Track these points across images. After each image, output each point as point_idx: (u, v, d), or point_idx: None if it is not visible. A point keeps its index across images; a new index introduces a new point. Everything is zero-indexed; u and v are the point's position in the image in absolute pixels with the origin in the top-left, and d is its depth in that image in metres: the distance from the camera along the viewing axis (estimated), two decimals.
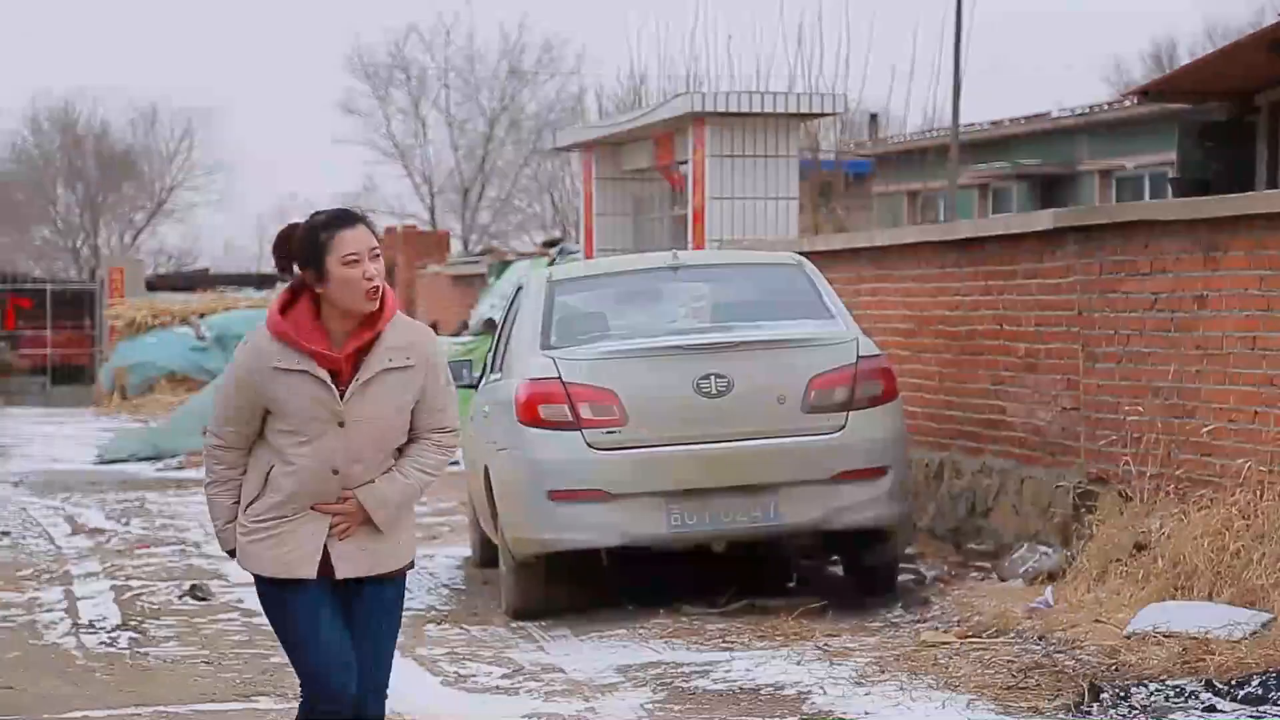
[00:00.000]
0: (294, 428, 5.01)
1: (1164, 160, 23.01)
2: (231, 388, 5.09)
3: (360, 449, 5.03)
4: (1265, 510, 8.45)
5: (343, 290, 4.96)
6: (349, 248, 4.95)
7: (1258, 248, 8.86)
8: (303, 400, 4.98)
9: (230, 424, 5.09)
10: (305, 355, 4.97)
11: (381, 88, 54.13)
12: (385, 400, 5.02)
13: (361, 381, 4.99)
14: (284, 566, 5.08)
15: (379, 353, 5.02)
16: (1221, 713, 6.92)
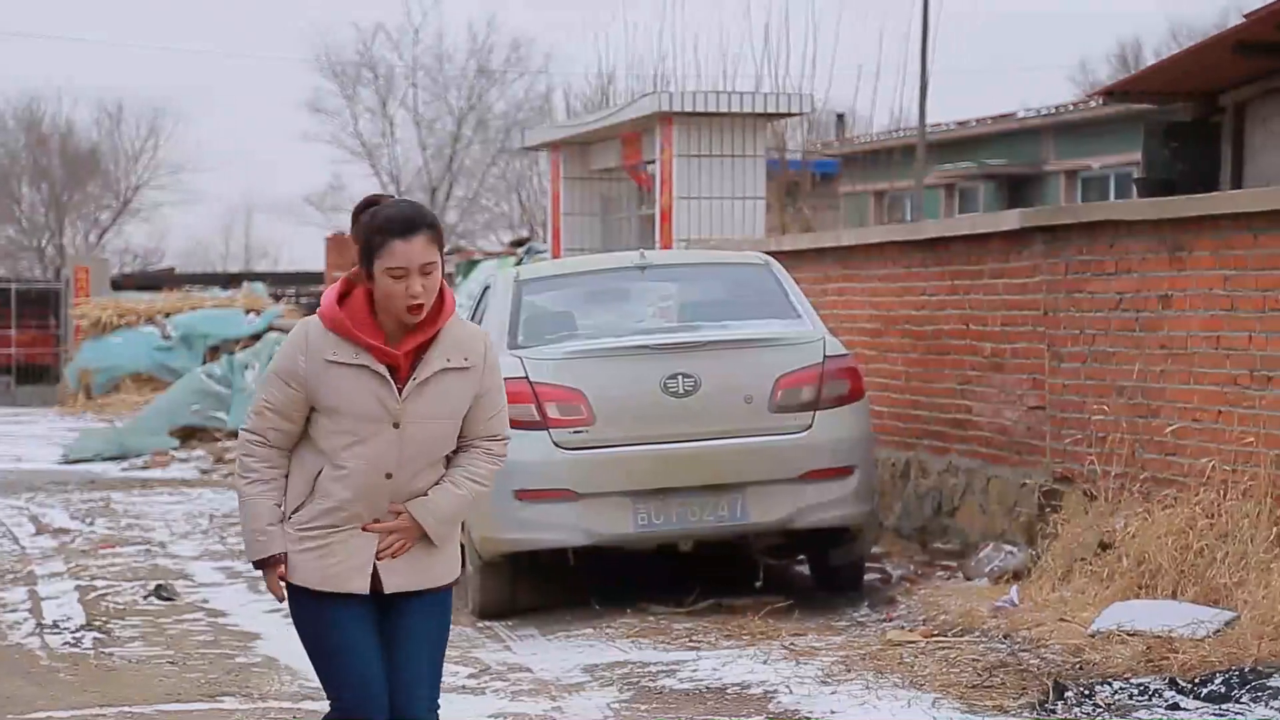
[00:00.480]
0: (346, 428, 4.67)
1: (1129, 160, 23.12)
2: (277, 380, 4.72)
3: (415, 453, 4.72)
4: (1229, 509, 8.50)
5: (384, 298, 4.66)
6: (396, 261, 4.61)
7: (1222, 248, 8.91)
8: (359, 397, 4.66)
9: (272, 421, 4.74)
10: (363, 349, 4.66)
11: (349, 86, 54.02)
12: (442, 402, 4.73)
13: (419, 380, 4.70)
14: (332, 580, 4.74)
15: (437, 351, 4.73)
16: (1185, 710, 6.95)
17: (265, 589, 5.08)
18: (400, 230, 4.62)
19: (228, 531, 13.42)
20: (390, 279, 4.62)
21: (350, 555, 4.73)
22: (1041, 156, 28.23)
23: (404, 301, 4.61)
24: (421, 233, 4.63)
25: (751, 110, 15.68)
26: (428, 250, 4.63)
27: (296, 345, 4.71)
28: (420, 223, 4.64)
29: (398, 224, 4.63)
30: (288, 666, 8.44)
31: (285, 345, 4.73)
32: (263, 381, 4.76)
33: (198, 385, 21.35)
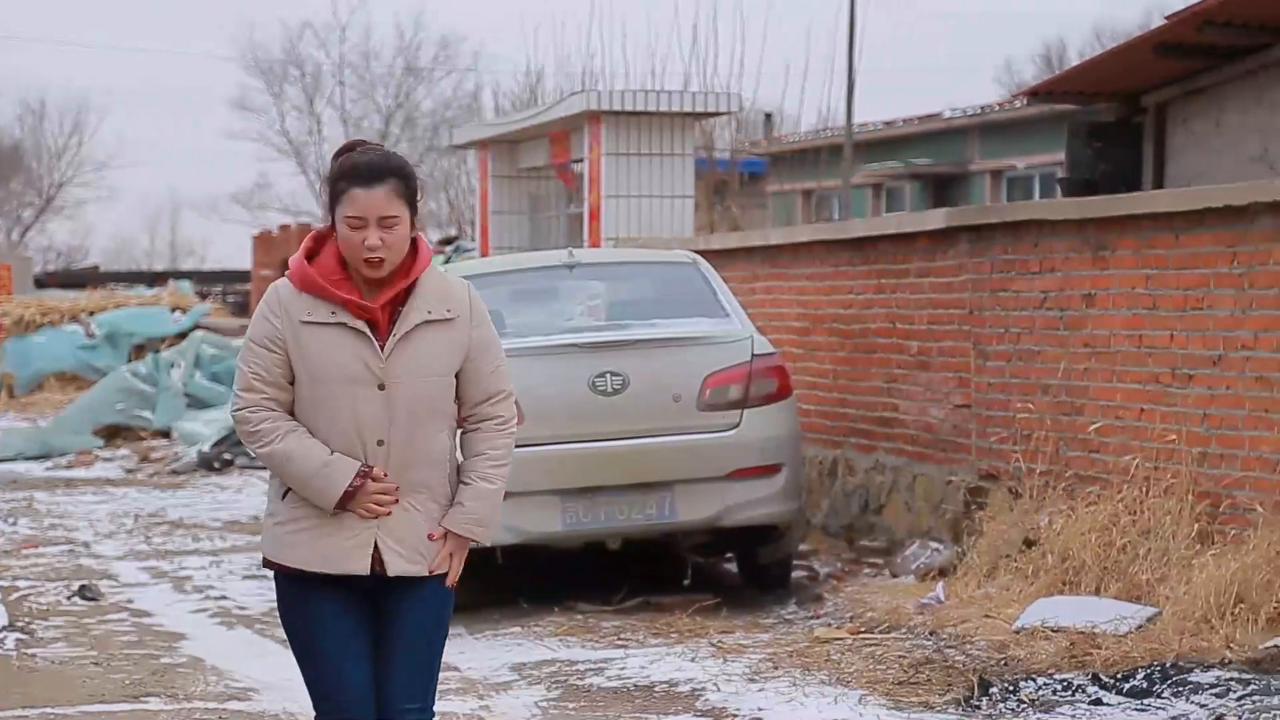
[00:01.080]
0: (330, 394, 4.35)
1: (1054, 160, 23.31)
2: (256, 348, 4.40)
3: (405, 417, 4.38)
4: (1151, 506, 8.59)
5: (344, 248, 4.38)
6: (354, 209, 4.34)
7: (1144, 247, 9.00)
8: (339, 356, 4.35)
9: (265, 391, 4.40)
10: (338, 305, 4.36)
11: (276, 84, 53.75)
12: (428, 357, 4.40)
13: (400, 335, 4.38)
14: (330, 560, 4.40)
15: (416, 303, 4.42)
16: (1108, 706, 7.02)
17: (189, 588, 4.85)
18: (363, 177, 4.35)
19: (153, 531, 13.33)
20: (348, 228, 4.35)
21: (352, 532, 4.40)
22: (967, 156, 28.41)
23: (360, 253, 4.33)
24: (386, 183, 4.35)
25: (680, 109, 15.71)
26: (390, 201, 4.34)
27: (269, 307, 4.41)
28: (384, 171, 4.36)
29: (361, 171, 4.36)
30: (213, 667, 8.40)
31: (258, 311, 4.44)
32: (242, 355, 4.45)
33: (123, 384, 21.18)
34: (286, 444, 4.37)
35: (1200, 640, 7.56)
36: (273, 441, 4.38)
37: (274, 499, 4.50)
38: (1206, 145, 11.93)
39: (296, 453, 4.36)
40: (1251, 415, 8.33)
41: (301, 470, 4.36)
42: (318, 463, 4.35)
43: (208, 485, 16.47)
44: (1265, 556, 7.79)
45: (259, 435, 4.40)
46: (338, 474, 4.36)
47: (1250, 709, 6.72)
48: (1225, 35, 11.08)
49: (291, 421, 4.39)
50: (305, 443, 4.37)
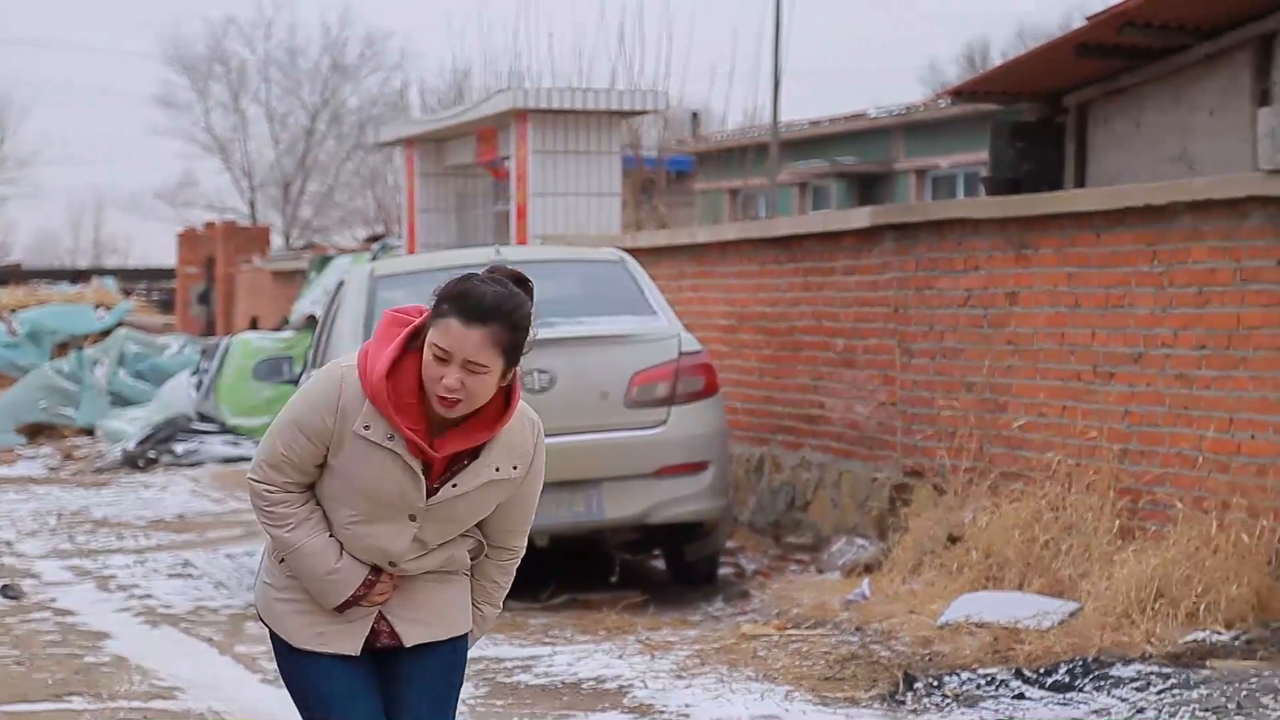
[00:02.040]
0: (357, 504, 4.02)
1: (977, 159, 23.47)
2: (298, 434, 4.01)
3: (426, 542, 4.07)
4: (1073, 503, 8.68)
5: (424, 372, 3.93)
6: (443, 341, 3.87)
7: (1066, 246, 9.09)
8: (381, 483, 3.98)
9: (291, 475, 4.05)
10: (399, 436, 3.95)
11: (200, 81, 53.37)
12: (474, 507, 4.07)
13: (458, 492, 4.02)
14: (321, 639, 4.09)
15: (488, 460, 4.03)
16: (1030, 700, 7.09)
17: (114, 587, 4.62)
18: (466, 312, 3.88)
19: (76, 530, 13.23)
20: (432, 357, 3.89)
21: (346, 615, 4.09)
22: (892, 155, 28.56)
23: (435, 389, 3.89)
24: (488, 326, 3.87)
25: (607, 108, 15.73)
26: (484, 347, 3.86)
27: (326, 402, 3.98)
28: (493, 315, 3.88)
29: (468, 304, 3.89)
30: (138, 666, 8.35)
31: (312, 395, 4.01)
32: (279, 430, 4.04)
33: (46, 381, 21.00)
34: (298, 535, 4.04)
35: (1121, 635, 7.65)
36: (284, 528, 4.06)
37: (269, 556, 4.16)
38: (1127, 145, 12.06)
39: (306, 550, 4.04)
40: (1171, 412, 8.44)
41: (308, 569, 4.06)
42: (325, 567, 4.04)
43: (132, 483, 16.35)
44: (1185, 552, 7.89)
45: (272, 516, 4.07)
46: (343, 584, 4.05)
47: (1170, 702, 6.81)
48: (1144, 36, 11.19)
49: (308, 507, 4.06)
50: (316, 541, 4.05)
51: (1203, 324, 8.26)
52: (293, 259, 32.58)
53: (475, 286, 3.91)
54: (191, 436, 18.20)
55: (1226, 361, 8.13)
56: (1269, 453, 7.90)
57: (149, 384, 21.29)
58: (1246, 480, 7.97)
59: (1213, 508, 8.03)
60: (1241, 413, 8.05)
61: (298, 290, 26.91)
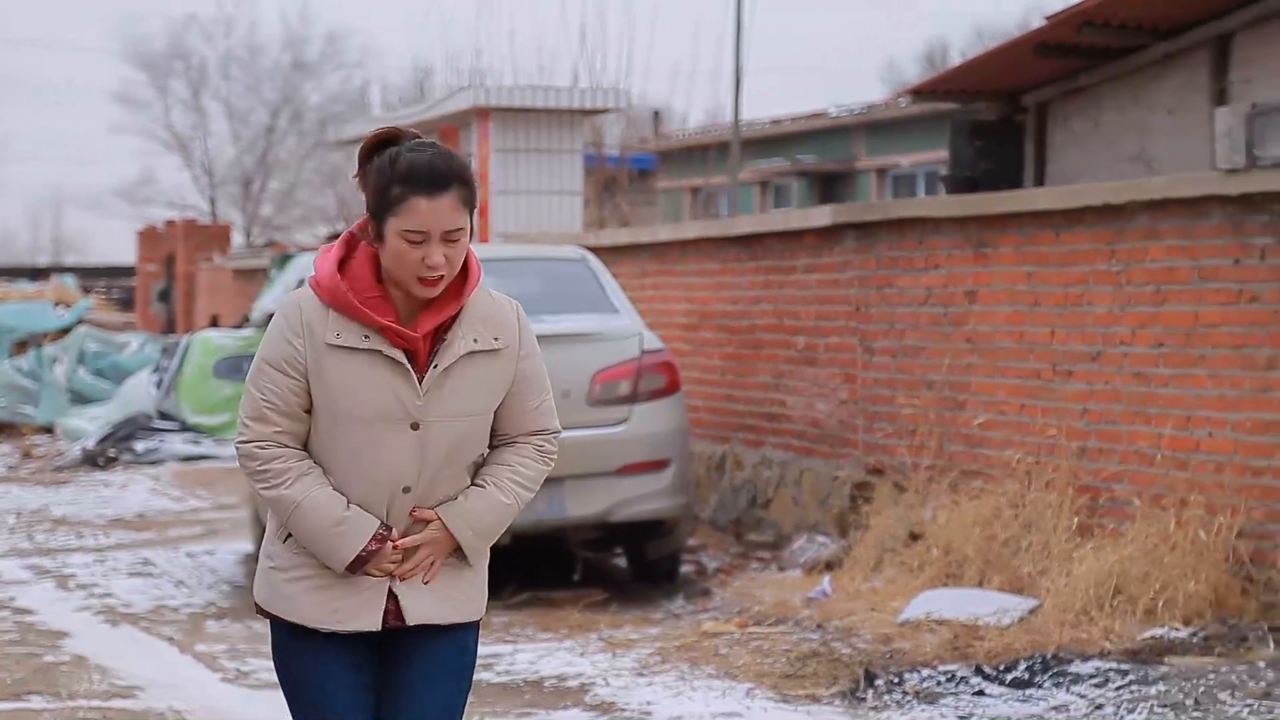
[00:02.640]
0: (352, 432, 3.73)
1: (937, 158, 23.55)
2: (272, 371, 3.75)
3: (438, 460, 3.77)
4: (1032, 500, 8.73)
5: (394, 263, 3.70)
6: (417, 223, 3.67)
7: (1025, 244, 9.14)
8: (370, 391, 3.71)
9: (279, 422, 3.76)
10: (372, 329, 3.71)
11: (160, 78, 53.16)
12: (469, 394, 3.77)
13: (442, 368, 3.74)
14: (336, 616, 3.78)
15: (462, 329, 3.77)
16: (990, 697, 7.12)
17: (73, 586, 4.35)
18: (427, 184, 3.67)
19: (35, 529, 13.16)
20: (405, 243, 3.68)
21: (358, 586, 3.79)
22: (853, 154, 28.64)
23: (418, 271, 3.68)
24: (452, 189, 3.69)
25: (568, 106, 15.73)
26: (456, 212, 3.70)
27: (289, 325, 3.74)
28: (451, 176, 3.69)
29: (424, 176, 3.67)
30: (97, 665, 8.32)
31: (274, 327, 3.77)
32: (253, 377, 3.78)
33: (4, 379, 20.90)
34: (297, 490, 3.75)
35: (1080, 631, 7.70)
36: (281, 485, 3.76)
37: (272, 539, 3.85)
38: (1086, 144, 12.12)
39: (308, 503, 3.74)
40: (1129, 410, 8.49)
41: (312, 524, 3.75)
42: (331, 519, 3.74)
43: (92, 482, 16.28)
44: (1143, 549, 7.94)
45: (267, 475, 3.77)
46: (352, 535, 3.74)
47: (1129, 699, 6.85)
48: (1103, 36, 11.26)
49: (306, 461, 3.78)
50: (319, 493, 3.75)
51: (1161, 322, 8.31)
52: (253, 257, 32.50)
53: (418, 158, 3.70)
54: (152, 435, 18.14)
55: (1184, 360, 8.19)
56: (1226, 450, 7.96)
57: (109, 382, 21.20)
58: (1204, 478, 8.03)
59: (1171, 505, 8.09)
60: (1199, 410, 8.11)
61: (259, 288, 26.84)
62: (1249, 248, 7.85)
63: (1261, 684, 6.82)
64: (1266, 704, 6.61)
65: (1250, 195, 7.77)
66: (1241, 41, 10.95)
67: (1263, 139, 7.65)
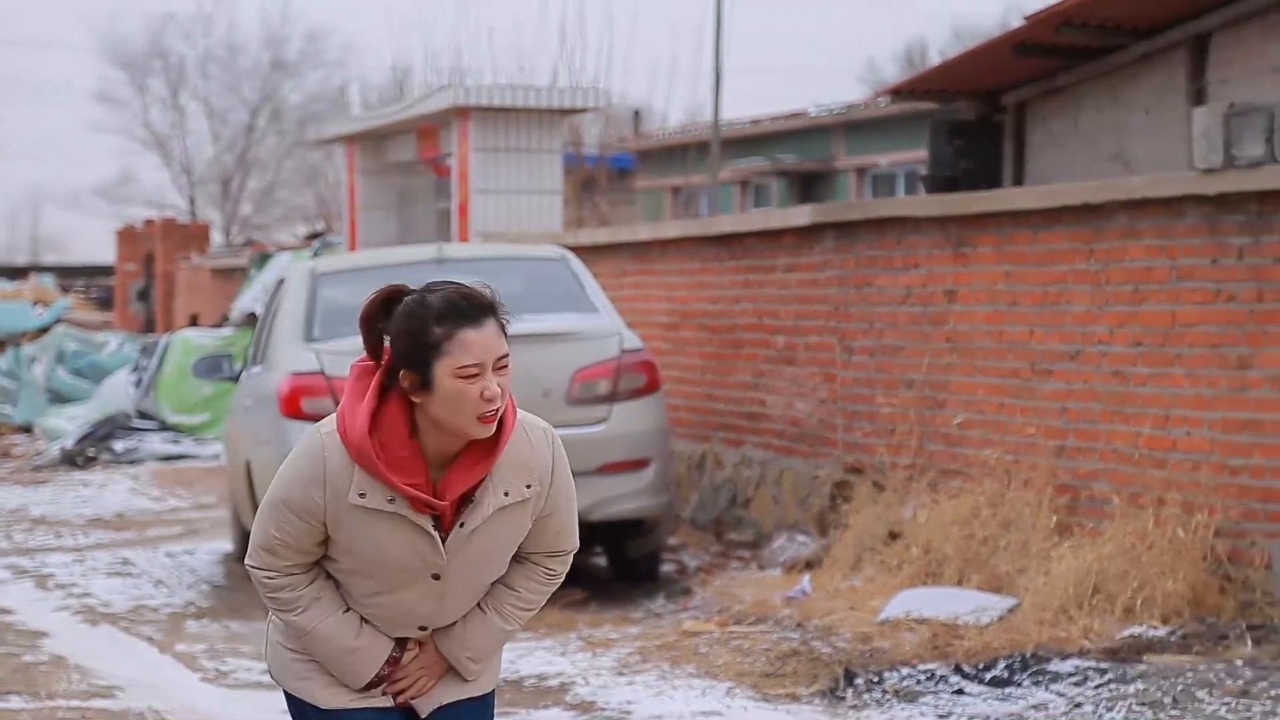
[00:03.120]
0: (371, 575, 3.63)
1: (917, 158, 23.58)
2: (288, 515, 3.60)
3: (456, 601, 3.69)
4: (1011, 499, 8.75)
5: (449, 409, 3.51)
6: (469, 356, 3.49)
7: (1004, 243, 9.16)
8: (391, 549, 3.59)
9: (291, 558, 3.65)
10: (398, 494, 3.55)
11: (139, 77, 53.05)
12: (495, 543, 3.66)
13: (469, 530, 3.61)
14: (354, 694, 3.70)
15: (494, 485, 3.61)
16: (969, 695, 7.14)
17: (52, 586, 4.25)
18: (467, 317, 3.51)
19: (14, 528, 13.14)
20: (461, 381, 3.49)
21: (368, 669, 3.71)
22: (832, 153, 28.67)
23: (478, 410, 3.51)
24: (490, 317, 3.55)
25: (548, 105, 15.73)
26: (501, 339, 3.56)
27: (312, 477, 3.57)
28: (489, 307, 3.56)
29: (462, 309, 3.51)
30: (76, 665, 8.31)
31: (295, 470, 3.60)
32: (267, 512, 3.64)
33: None
34: (308, 620, 3.66)
35: (1059, 630, 7.72)
36: (293, 613, 3.67)
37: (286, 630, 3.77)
38: (1064, 144, 12.15)
39: (320, 633, 3.66)
40: (1108, 409, 8.52)
41: (325, 651, 3.68)
42: (343, 648, 3.67)
43: (70, 481, 16.24)
44: (1121, 547, 7.97)
45: (277, 601, 3.68)
46: (365, 662, 3.68)
47: (1107, 697, 6.87)
48: (1082, 36, 11.29)
49: (315, 586, 3.67)
50: (330, 622, 3.66)
51: (1139, 321, 8.34)
52: (233, 256, 32.45)
53: (452, 292, 3.55)
54: (131, 434, 18.10)
55: (1162, 359, 8.21)
56: (1203, 449, 7.99)
57: (88, 381, 21.16)
58: (1182, 476, 8.06)
59: (1149, 504, 8.11)
60: (1177, 409, 8.13)
61: (238, 287, 26.80)
62: (1226, 247, 7.88)
63: (1239, 682, 6.85)
64: (1244, 702, 6.63)
65: (1227, 195, 7.80)
66: (1219, 41, 10.98)
67: (1240, 139, 7.67)
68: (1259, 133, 7.61)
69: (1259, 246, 7.72)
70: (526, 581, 3.77)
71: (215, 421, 17.84)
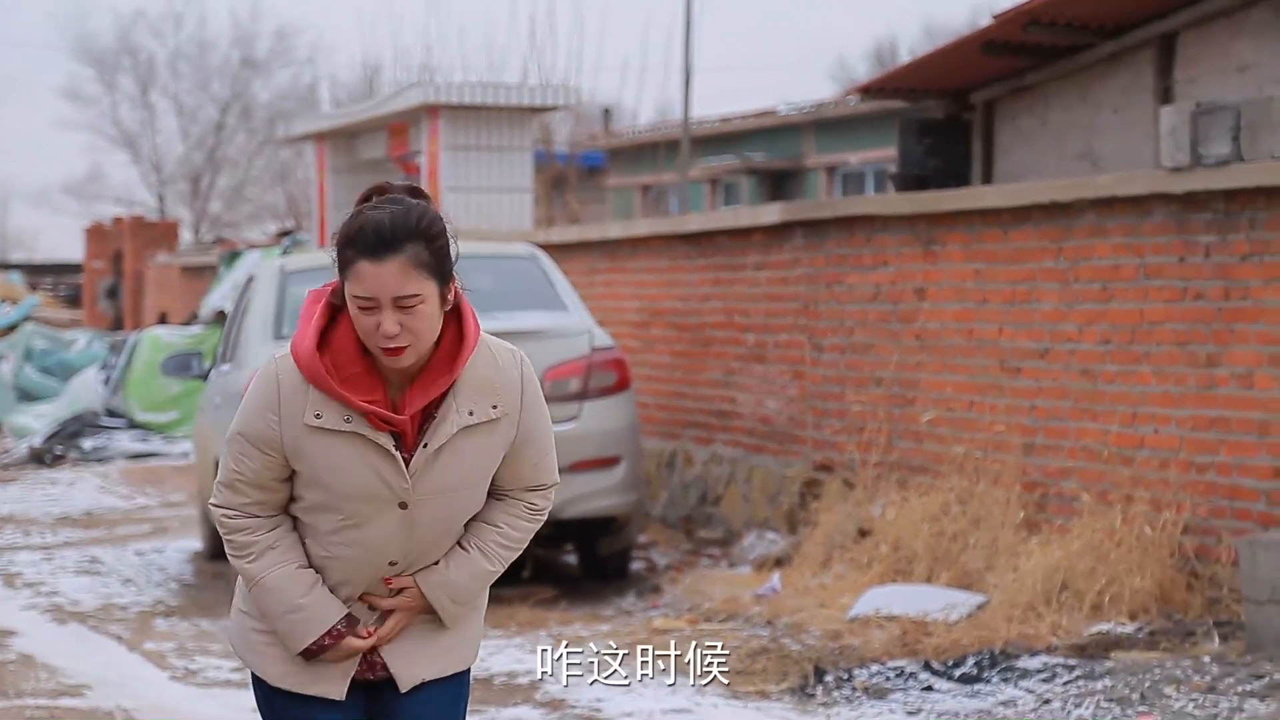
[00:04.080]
0: (335, 507, 3.50)
1: (886, 156, 23.63)
2: (246, 446, 3.51)
3: (427, 535, 3.54)
4: (980, 496, 8.77)
5: (359, 331, 3.44)
6: (363, 289, 3.38)
7: (974, 242, 9.19)
8: (352, 473, 3.47)
9: (251, 495, 3.55)
10: (355, 412, 3.44)
11: (108, 74, 52.86)
12: (463, 468, 3.52)
13: (433, 449, 3.48)
14: (302, 679, 3.57)
15: (456, 402, 3.49)
16: (939, 692, 7.16)
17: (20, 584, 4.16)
18: (369, 247, 3.38)
19: None
20: (358, 310, 3.41)
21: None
22: (802, 152, 28.71)
23: (376, 340, 3.40)
24: (401, 251, 3.37)
25: (518, 103, 15.72)
26: (406, 277, 3.37)
27: (265, 400, 3.49)
28: (397, 239, 3.38)
29: (368, 237, 3.38)
30: (45, 664, 8.28)
31: (251, 399, 3.53)
32: (228, 446, 3.56)
33: None
34: (259, 568, 3.54)
35: (1027, 627, 7.75)
36: (246, 558, 3.55)
37: (246, 589, 3.65)
38: (1033, 142, 12.20)
39: (268, 583, 3.53)
40: (1076, 407, 8.55)
41: (270, 605, 3.55)
42: (286, 604, 3.53)
43: (39, 480, 16.17)
44: (1089, 544, 8.00)
45: (233, 545, 3.57)
46: (306, 625, 3.53)
47: (1075, 693, 6.90)
48: (1050, 34, 11.34)
49: (274, 534, 3.55)
50: (280, 573, 3.53)
51: (1107, 319, 8.37)
52: (202, 254, 32.36)
53: (370, 216, 3.40)
54: (100, 432, 18.05)
55: (1130, 356, 8.25)
56: (1171, 446, 8.02)
57: (56, 379, 21.08)
58: (1149, 473, 8.09)
59: (1117, 501, 8.15)
60: (1145, 407, 8.17)
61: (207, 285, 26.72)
62: (1193, 245, 7.91)
63: (1206, 678, 6.88)
64: (1211, 698, 6.67)
65: (1195, 193, 7.83)
66: (1186, 40, 11.03)
67: (1206, 137, 7.71)
68: (1225, 131, 7.64)
69: (1226, 245, 7.76)
70: (508, 517, 3.64)
71: (184, 419, 17.80)
